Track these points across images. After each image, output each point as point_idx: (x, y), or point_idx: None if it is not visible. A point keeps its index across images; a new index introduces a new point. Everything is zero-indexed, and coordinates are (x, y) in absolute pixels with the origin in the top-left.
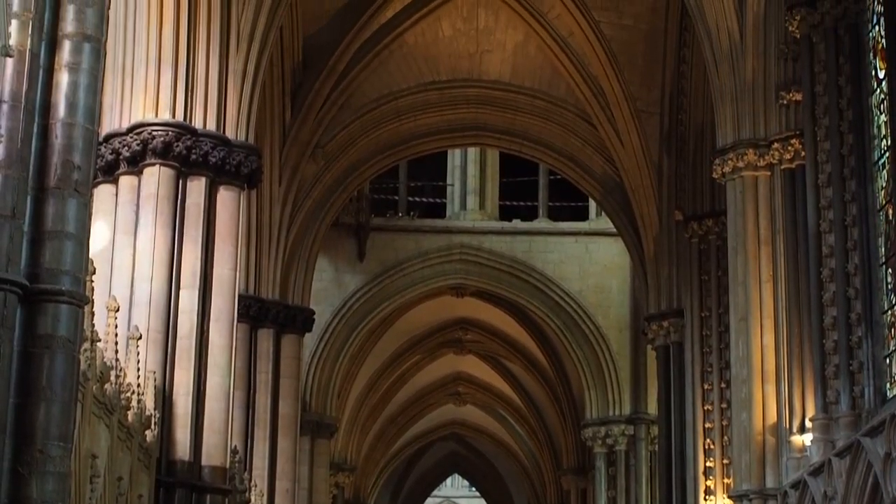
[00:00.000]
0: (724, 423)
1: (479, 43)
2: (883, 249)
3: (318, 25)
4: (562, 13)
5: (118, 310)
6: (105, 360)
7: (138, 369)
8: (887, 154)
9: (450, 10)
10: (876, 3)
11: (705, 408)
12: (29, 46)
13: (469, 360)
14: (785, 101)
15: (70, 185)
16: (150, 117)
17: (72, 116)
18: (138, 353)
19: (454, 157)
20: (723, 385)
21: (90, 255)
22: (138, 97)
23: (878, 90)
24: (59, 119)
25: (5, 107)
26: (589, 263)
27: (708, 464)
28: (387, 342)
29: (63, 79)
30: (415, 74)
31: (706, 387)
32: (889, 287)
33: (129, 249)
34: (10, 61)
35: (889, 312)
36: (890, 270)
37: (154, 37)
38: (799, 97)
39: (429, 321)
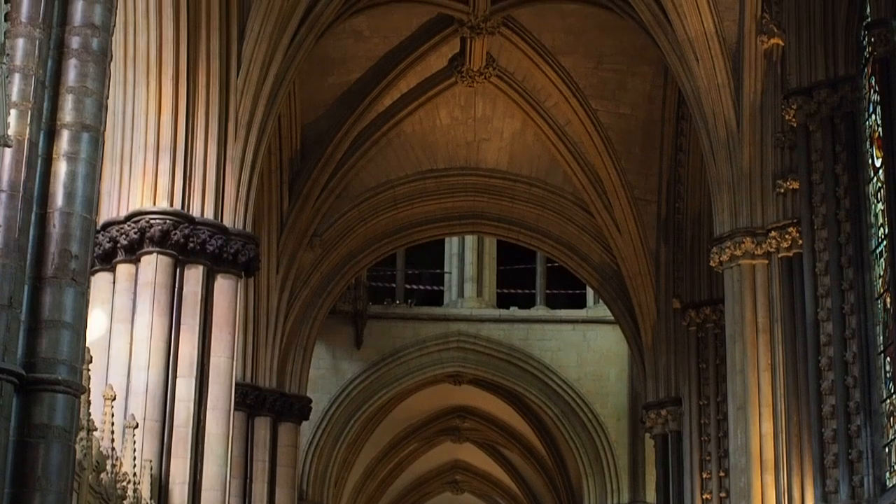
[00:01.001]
0: None
1: (477, 131)
2: (881, 338)
3: (317, 114)
4: (559, 101)
5: (115, 398)
6: (101, 449)
7: (134, 458)
8: (885, 242)
9: (447, 99)
10: (872, 91)
11: (704, 497)
12: (28, 136)
13: (466, 448)
14: (782, 190)
15: (67, 275)
16: (148, 205)
17: (70, 206)
18: (135, 442)
19: (452, 245)
20: (721, 474)
21: (87, 344)
22: (136, 185)
23: (875, 178)
24: (56, 208)
25: (3, 196)
26: (587, 351)
27: None
28: (384, 430)
29: (61, 168)
30: (412, 163)
31: (705, 475)
32: (887, 376)
33: (126, 337)
34: (8, 151)
35: (888, 401)
36: (888, 359)
37: (153, 124)
38: (796, 185)
39: (426, 409)
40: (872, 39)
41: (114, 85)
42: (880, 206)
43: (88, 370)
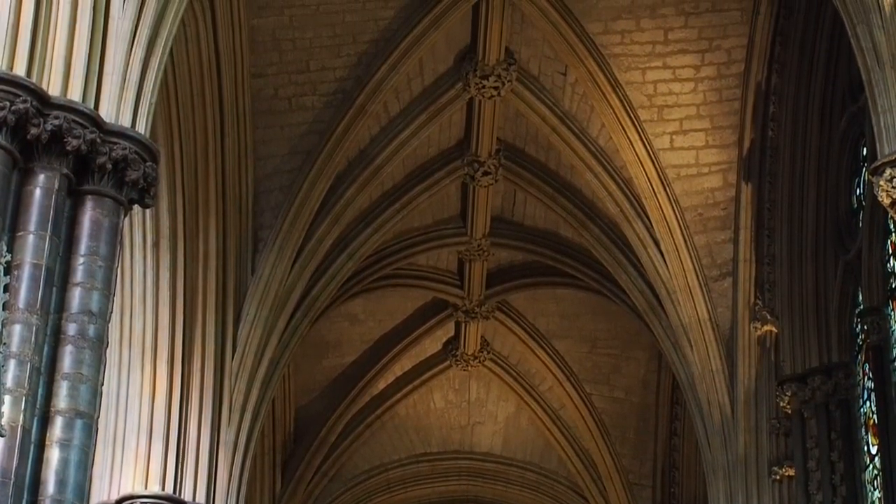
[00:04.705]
0: None
1: (471, 415)
2: None
3: (310, 396)
4: (553, 386)
5: None
6: None
7: None
8: None
9: (442, 383)
10: (866, 378)
11: None
12: (21, 422)
13: None
14: (778, 477)
15: None
16: (140, 489)
17: (61, 493)
18: None
19: None
20: None
21: None
22: (128, 468)
23: (871, 466)
24: (48, 495)
25: None
26: None
27: None
28: None
29: (54, 455)
30: (406, 446)
31: None
32: None
33: None
34: (1, 438)
35: None
36: None
37: (146, 408)
38: (792, 472)
39: None
40: (865, 327)
41: (108, 367)
42: (877, 493)
43: None
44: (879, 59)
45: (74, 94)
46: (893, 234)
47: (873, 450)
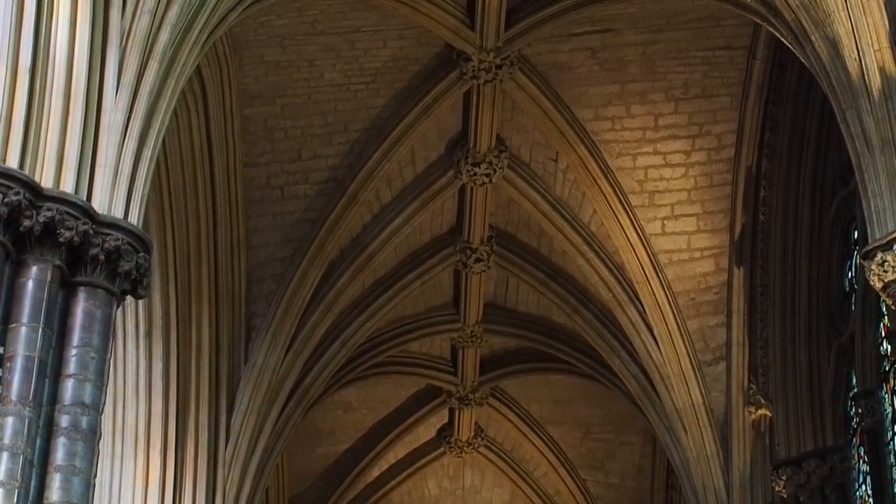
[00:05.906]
0: None
1: (466, 501)
2: None
3: (304, 485)
4: (548, 472)
5: None
6: None
7: None
8: None
9: (436, 470)
10: (862, 462)
11: None
12: None
13: None
14: None
15: None
16: None
17: None
18: None
19: None
20: None
21: None
22: None
23: None
24: None
25: None
26: None
27: None
28: None
29: None
30: None
31: None
32: None
33: None
34: None
35: None
36: None
37: (139, 498)
38: None
39: None
40: (860, 410)
41: (101, 458)
42: None
43: None
44: (869, 144)
45: (67, 186)
46: (886, 318)
47: None
